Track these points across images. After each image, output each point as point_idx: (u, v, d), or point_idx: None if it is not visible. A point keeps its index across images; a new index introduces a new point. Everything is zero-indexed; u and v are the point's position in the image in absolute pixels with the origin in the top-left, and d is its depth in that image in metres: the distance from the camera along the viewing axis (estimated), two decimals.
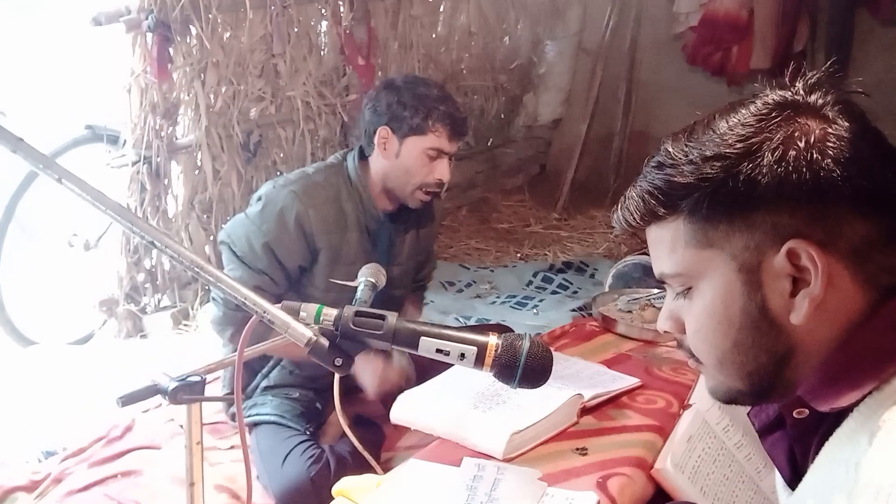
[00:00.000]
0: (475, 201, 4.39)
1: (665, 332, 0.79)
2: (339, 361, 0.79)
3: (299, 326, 0.80)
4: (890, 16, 4.13)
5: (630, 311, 1.86)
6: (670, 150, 0.72)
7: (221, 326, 1.88)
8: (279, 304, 0.81)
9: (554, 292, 3.36)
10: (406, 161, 1.82)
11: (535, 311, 3.13)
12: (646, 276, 2.78)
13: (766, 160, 0.67)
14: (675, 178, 0.70)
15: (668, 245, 0.73)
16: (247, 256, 1.81)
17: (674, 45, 4.46)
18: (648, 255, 0.76)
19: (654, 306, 1.85)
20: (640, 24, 4.55)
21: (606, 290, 2.27)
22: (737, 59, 4.25)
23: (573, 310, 3.05)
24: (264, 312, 0.80)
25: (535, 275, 3.50)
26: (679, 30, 4.42)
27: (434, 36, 4.05)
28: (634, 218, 0.75)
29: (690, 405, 1.38)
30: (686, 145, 0.71)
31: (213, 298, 1.92)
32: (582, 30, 4.79)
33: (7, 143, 0.79)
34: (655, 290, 2.00)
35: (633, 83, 4.61)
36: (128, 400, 1.10)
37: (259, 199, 1.86)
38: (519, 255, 3.80)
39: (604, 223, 4.16)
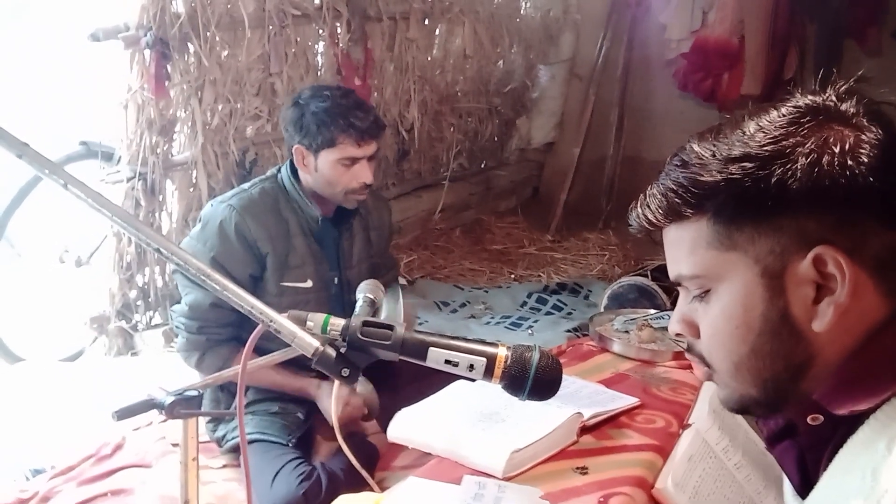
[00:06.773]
0: (469, 222, 4.41)
1: (676, 335, 0.77)
2: (345, 372, 0.79)
3: (306, 336, 0.79)
4: (875, 47, 4.22)
5: (627, 332, 1.85)
6: (696, 148, 0.70)
7: (187, 353, 1.90)
8: (286, 314, 0.80)
9: (548, 313, 3.36)
10: (325, 173, 1.88)
11: (529, 331, 3.12)
12: (640, 296, 2.79)
13: (799, 164, 0.65)
14: (702, 177, 0.68)
15: (687, 246, 0.71)
16: (198, 276, 1.81)
17: (665, 71, 4.52)
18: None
19: (650, 326, 1.84)
20: (632, 51, 4.61)
21: (602, 310, 2.27)
22: (727, 85, 4.31)
23: (568, 330, 3.05)
24: (271, 322, 0.79)
25: (529, 295, 3.50)
26: (670, 56, 4.49)
27: (429, 59, 4.08)
28: (656, 216, 0.72)
29: (690, 425, 1.37)
30: (714, 144, 0.69)
31: (177, 326, 1.92)
32: (574, 55, 4.86)
33: (12, 149, 0.79)
34: (652, 311, 2.00)
35: (625, 108, 4.66)
36: (124, 414, 1.08)
37: (199, 219, 1.92)
38: (513, 275, 3.80)
39: (597, 245, 4.18)
